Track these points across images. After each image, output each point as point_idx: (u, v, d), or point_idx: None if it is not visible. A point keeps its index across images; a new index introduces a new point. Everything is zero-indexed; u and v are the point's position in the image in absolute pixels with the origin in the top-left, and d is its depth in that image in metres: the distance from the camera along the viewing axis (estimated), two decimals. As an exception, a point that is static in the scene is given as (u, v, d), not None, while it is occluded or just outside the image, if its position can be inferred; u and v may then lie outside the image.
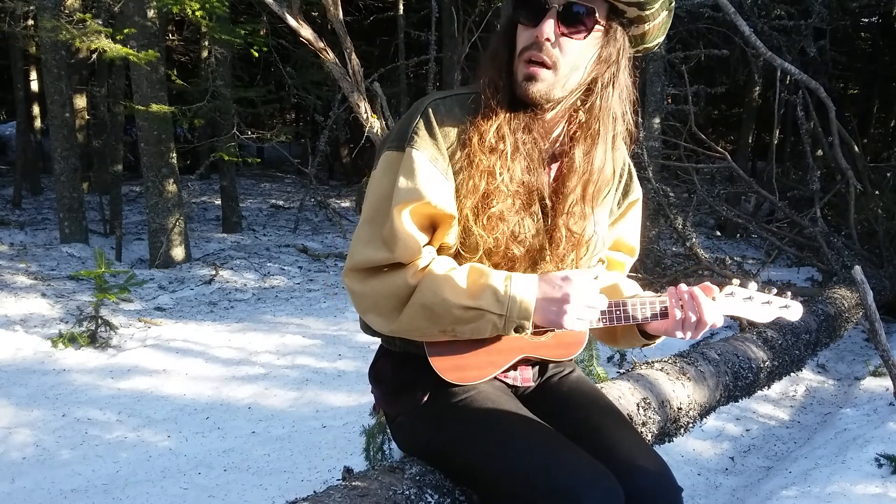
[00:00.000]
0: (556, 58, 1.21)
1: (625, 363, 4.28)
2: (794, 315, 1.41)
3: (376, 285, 1.25)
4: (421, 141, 1.24)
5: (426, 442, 1.37)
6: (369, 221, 1.27)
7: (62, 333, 4.76)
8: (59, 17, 6.24)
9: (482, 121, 1.25)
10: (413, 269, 1.24)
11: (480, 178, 1.24)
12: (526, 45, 1.22)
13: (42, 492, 2.95)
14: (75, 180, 7.80)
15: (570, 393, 1.44)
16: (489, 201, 1.25)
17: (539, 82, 1.22)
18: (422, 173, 1.22)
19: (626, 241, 1.52)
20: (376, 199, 1.27)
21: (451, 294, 1.21)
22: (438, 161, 1.24)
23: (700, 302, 1.27)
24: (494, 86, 1.26)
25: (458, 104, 1.29)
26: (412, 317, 1.23)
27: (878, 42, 11.76)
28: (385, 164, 1.27)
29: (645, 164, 5.56)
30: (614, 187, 1.43)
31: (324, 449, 3.38)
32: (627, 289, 1.47)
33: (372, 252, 1.24)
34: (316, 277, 7.32)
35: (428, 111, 1.26)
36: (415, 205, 1.21)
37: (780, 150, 10.93)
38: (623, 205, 1.47)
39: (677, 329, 1.30)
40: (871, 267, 5.03)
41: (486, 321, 1.22)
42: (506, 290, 1.21)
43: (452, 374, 1.32)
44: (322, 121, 9.60)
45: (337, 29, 2.69)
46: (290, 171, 15.40)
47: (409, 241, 1.22)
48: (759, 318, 1.39)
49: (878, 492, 2.47)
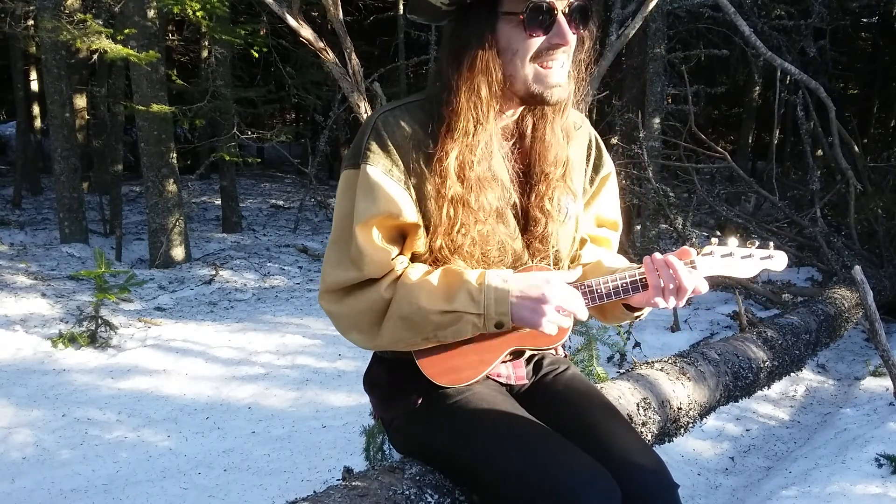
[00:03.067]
0: (570, 53, 1.24)
1: (625, 363, 4.28)
2: (779, 265, 1.37)
3: (352, 304, 1.27)
4: (374, 155, 1.24)
5: (423, 445, 1.37)
6: (335, 242, 1.28)
7: (62, 333, 4.76)
8: (59, 17, 6.24)
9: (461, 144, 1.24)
10: (386, 281, 1.25)
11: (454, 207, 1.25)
12: (539, 52, 1.21)
13: (42, 492, 2.95)
14: (75, 180, 7.80)
15: (565, 390, 1.44)
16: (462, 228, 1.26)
17: (561, 85, 1.24)
18: (378, 187, 1.22)
19: (606, 217, 1.52)
20: (339, 220, 1.28)
21: (427, 301, 1.21)
22: (393, 172, 1.24)
23: (676, 268, 1.25)
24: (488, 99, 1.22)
25: (408, 113, 1.29)
26: (393, 329, 1.24)
27: (878, 42, 11.76)
28: (343, 184, 1.28)
29: (645, 164, 5.56)
30: (583, 164, 1.44)
31: (324, 449, 3.38)
32: (611, 264, 1.45)
33: (342, 273, 1.26)
34: (316, 277, 7.31)
35: (377, 125, 1.26)
36: (377, 219, 1.23)
37: (780, 150, 10.94)
38: (596, 181, 1.47)
39: (658, 297, 1.28)
40: (871, 267, 5.03)
41: (465, 322, 1.22)
42: (480, 287, 1.22)
43: (445, 377, 1.32)
44: (322, 121, 9.61)
45: (337, 29, 2.69)
46: (290, 171, 15.40)
47: (375, 256, 1.23)
48: (743, 272, 1.35)
49: (878, 492, 2.47)
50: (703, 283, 1.29)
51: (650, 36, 6.91)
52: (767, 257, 1.36)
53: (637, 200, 6.40)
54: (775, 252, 1.37)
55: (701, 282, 1.28)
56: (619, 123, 6.80)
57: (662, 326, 5.19)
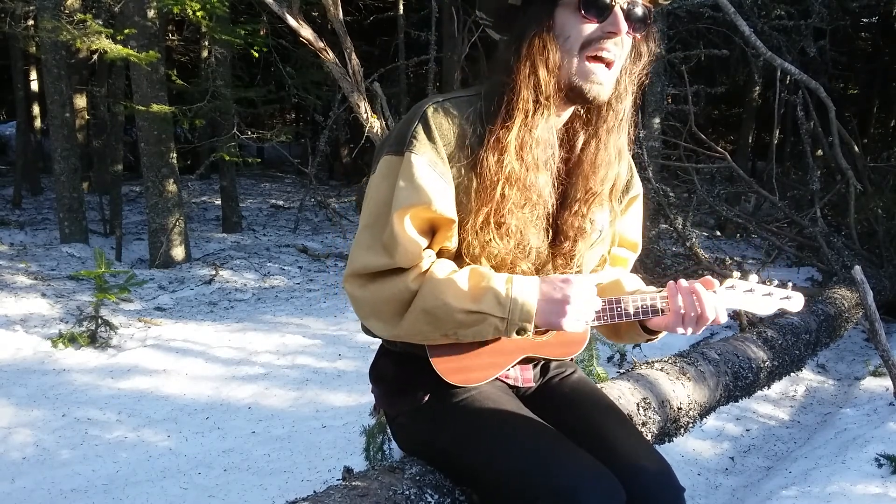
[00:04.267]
0: (620, 54, 1.22)
1: (625, 363, 4.28)
2: (796, 306, 1.39)
3: (377, 290, 1.24)
4: (420, 145, 1.22)
5: (427, 442, 1.37)
6: (369, 227, 1.26)
7: (62, 333, 4.76)
8: (59, 17, 6.24)
9: (522, 124, 1.23)
10: (414, 273, 1.23)
11: (508, 186, 1.23)
12: (591, 38, 1.20)
13: (42, 492, 2.95)
14: (75, 180, 7.80)
15: (571, 393, 1.44)
16: (506, 211, 1.24)
17: (603, 83, 1.22)
18: (421, 178, 1.20)
19: (628, 237, 1.52)
20: (375, 204, 1.25)
21: (453, 298, 1.20)
22: (438, 165, 1.22)
23: (701, 296, 1.26)
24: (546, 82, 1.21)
25: (458, 108, 1.27)
26: (414, 321, 1.23)
27: (878, 42, 11.76)
28: (384, 169, 1.26)
29: (645, 164, 5.55)
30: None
31: (324, 449, 3.38)
32: (630, 284, 1.46)
33: (372, 257, 1.23)
34: (316, 277, 7.31)
35: (427, 114, 1.24)
36: (415, 209, 1.20)
37: (780, 150, 10.93)
38: (624, 201, 1.47)
39: (678, 325, 1.29)
40: (871, 267, 5.03)
41: (487, 324, 1.21)
42: (507, 292, 1.20)
43: (455, 375, 1.32)
44: (322, 121, 9.61)
45: (337, 29, 2.69)
46: (290, 171, 15.40)
47: (409, 246, 1.21)
48: (761, 310, 1.37)
49: (878, 492, 2.47)
50: (724, 313, 1.29)
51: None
52: (786, 297, 1.39)
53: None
54: (793, 293, 1.39)
55: (721, 312, 1.28)
56: (619, 123, 6.78)
57: (662, 326, 5.19)
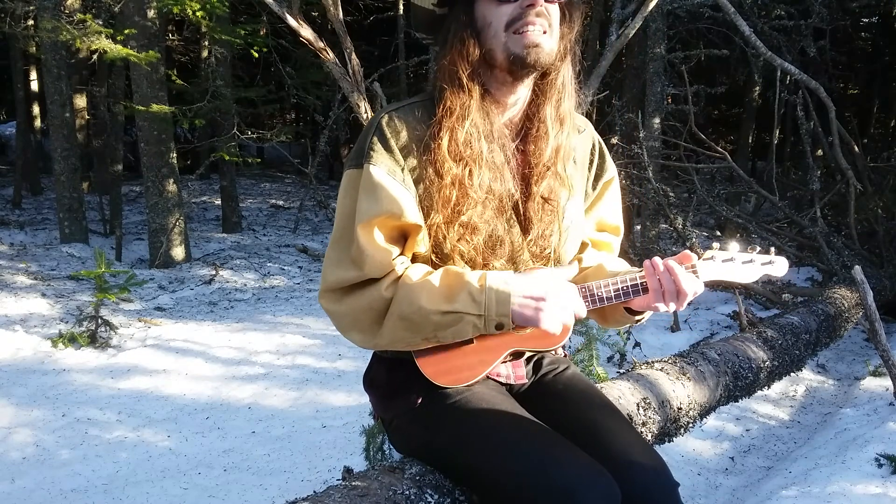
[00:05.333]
0: (551, 20, 1.24)
1: (625, 363, 4.28)
2: (780, 270, 1.39)
3: (352, 303, 1.27)
4: (377, 155, 1.24)
5: (423, 444, 1.37)
6: (337, 241, 1.28)
7: (62, 333, 4.76)
8: (59, 17, 6.24)
9: (449, 125, 1.25)
10: (387, 281, 1.25)
11: (450, 188, 1.25)
12: (513, 18, 1.21)
13: (42, 492, 2.95)
14: (75, 180, 7.81)
15: (565, 390, 1.44)
16: (459, 211, 1.26)
17: (542, 48, 1.23)
18: (381, 187, 1.23)
19: (608, 221, 1.53)
20: (341, 219, 1.28)
21: (427, 301, 1.21)
22: (396, 173, 1.25)
23: (676, 272, 1.27)
24: (470, 78, 1.24)
25: (412, 113, 1.29)
26: (392, 329, 1.24)
27: (878, 42, 11.76)
28: (346, 183, 1.29)
29: (645, 164, 5.56)
30: (586, 167, 1.45)
31: (324, 449, 3.38)
32: (613, 267, 1.46)
33: (342, 272, 1.26)
34: (316, 277, 7.31)
35: (381, 124, 1.27)
36: (378, 220, 1.23)
37: (780, 150, 10.94)
38: (598, 186, 1.48)
39: (658, 301, 1.29)
40: (871, 267, 5.03)
41: (465, 323, 1.22)
42: (481, 287, 1.22)
43: (444, 377, 1.32)
44: (322, 121, 9.60)
45: (337, 29, 2.69)
46: (290, 171, 15.41)
47: (377, 256, 1.23)
48: (744, 278, 1.37)
49: (878, 492, 2.47)
50: (701, 286, 1.30)
51: (650, 36, 6.91)
52: (768, 262, 1.38)
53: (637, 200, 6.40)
54: (776, 257, 1.38)
55: (699, 286, 1.30)
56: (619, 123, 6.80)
57: (662, 326, 5.19)
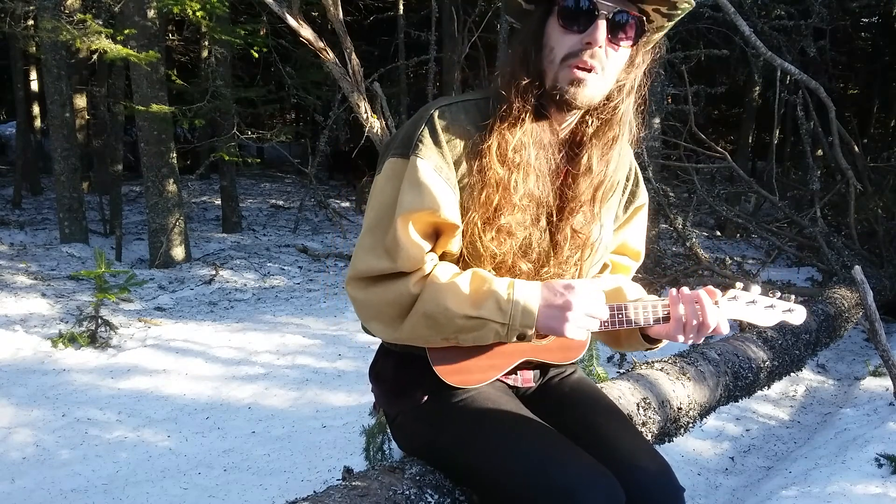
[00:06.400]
0: (605, 64, 1.20)
1: (625, 363, 4.28)
2: (798, 319, 1.39)
3: (379, 293, 1.24)
4: (426, 149, 1.21)
5: (426, 442, 1.36)
6: (371, 229, 1.25)
7: (62, 333, 4.76)
8: (59, 17, 6.24)
9: (501, 130, 1.23)
10: (416, 277, 1.23)
11: (493, 191, 1.23)
12: (572, 51, 1.19)
13: (42, 492, 2.95)
14: (75, 180, 7.80)
15: (571, 393, 1.44)
16: (499, 214, 1.24)
17: (587, 87, 1.20)
18: (426, 182, 1.20)
19: (631, 246, 1.52)
20: (379, 207, 1.25)
21: (454, 303, 1.20)
22: (443, 170, 1.22)
23: (704, 305, 1.26)
24: (524, 91, 1.22)
25: (465, 111, 1.26)
26: (415, 325, 1.23)
27: (878, 42, 11.76)
28: (389, 171, 1.25)
29: (645, 164, 5.55)
30: (621, 191, 1.43)
31: (324, 449, 3.38)
32: (631, 292, 1.46)
33: (374, 261, 1.23)
34: (316, 277, 7.31)
35: (433, 118, 1.24)
36: (418, 214, 1.20)
37: (780, 150, 10.94)
38: (629, 210, 1.47)
39: (679, 333, 1.29)
40: (871, 267, 5.03)
41: (488, 329, 1.21)
42: (508, 297, 1.20)
43: (454, 377, 1.32)
44: (322, 121, 9.60)
45: (337, 29, 2.69)
46: (290, 171, 15.41)
47: (412, 251, 1.21)
48: (763, 321, 1.37)
49: (878, 492, 2.47)
50: (725, 323, 1.28)
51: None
52: (788, 310, 1.39)
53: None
54: (795, 306, 1.39)
55: (724, 322, 1.28)
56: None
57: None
